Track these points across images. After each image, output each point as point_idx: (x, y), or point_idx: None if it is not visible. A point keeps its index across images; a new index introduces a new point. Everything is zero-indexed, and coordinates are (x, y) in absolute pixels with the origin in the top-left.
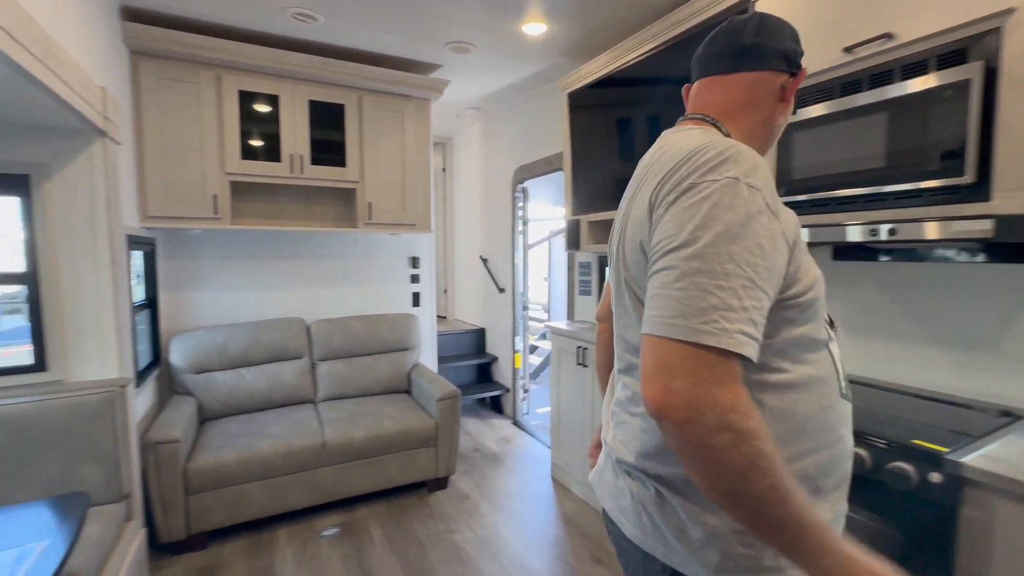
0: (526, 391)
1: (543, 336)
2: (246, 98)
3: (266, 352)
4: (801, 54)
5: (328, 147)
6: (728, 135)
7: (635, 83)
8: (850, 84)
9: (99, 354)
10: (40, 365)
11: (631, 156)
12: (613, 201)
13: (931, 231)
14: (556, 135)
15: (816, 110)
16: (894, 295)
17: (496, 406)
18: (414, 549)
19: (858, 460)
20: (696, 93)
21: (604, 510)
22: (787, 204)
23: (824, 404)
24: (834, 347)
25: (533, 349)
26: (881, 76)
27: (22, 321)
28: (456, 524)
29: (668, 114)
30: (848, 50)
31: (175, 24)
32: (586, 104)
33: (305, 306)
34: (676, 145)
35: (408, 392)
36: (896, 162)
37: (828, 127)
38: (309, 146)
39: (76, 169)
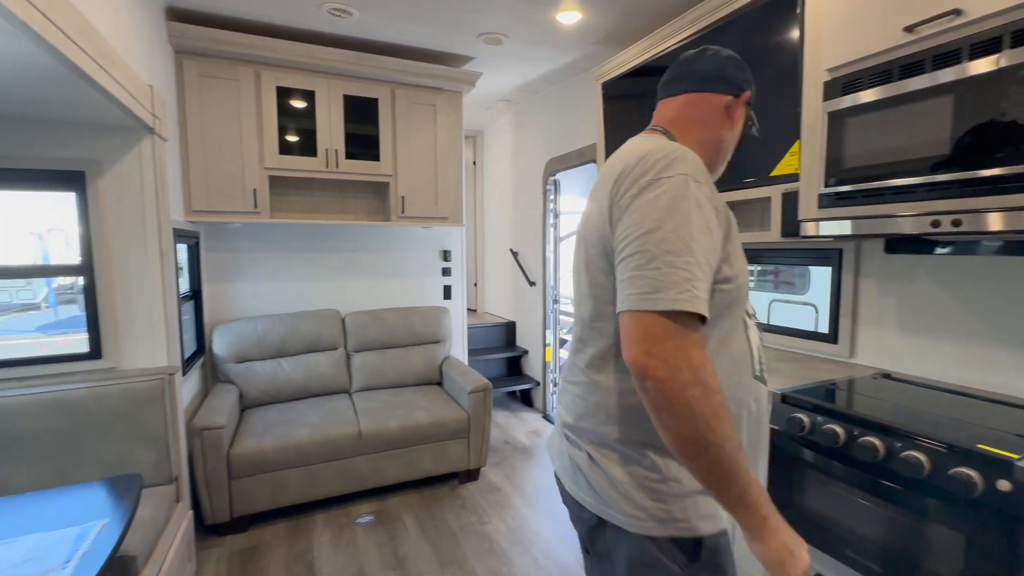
0: (556, 385)
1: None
2: (283, 94)
3: (303, 343)
4: (744, 79)
5: (362, 141)
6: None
7: None
8: (911, 66)
9: (149, 343)
10: (96, 353)
11: None
12: None
13: (1002, 222)
14: (589, 126)
15: (871, 95)
16: (954, 291)
17: (526, 399)
18: (447, 539)
19: (915, 465)
20: (656, 113)
21: (554, 470)
22: (837, 195)
23: (736, 380)
24: (752, 333)
25: (563, 343)
26: (947, 56)
27: (77, 311)
28: (488, 516)
29: None
30: (909, 29)
31: (216, 23)
32: (621, 94)
33: (340, 298)
34: (630, 149)
35: (440, 384)
36: (961, 148)
37: (885, 112)
38: (343, 140)
39: (127, 165)
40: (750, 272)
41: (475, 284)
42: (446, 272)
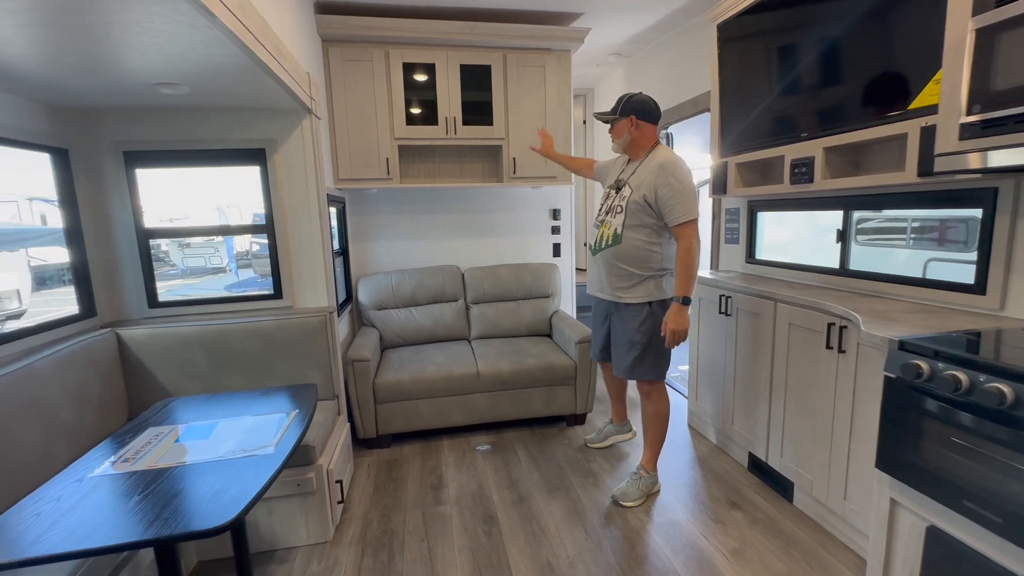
0: None
1: None
2: (408, 69)
3: (429, 294)
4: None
5: (477, 108)
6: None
7: (799, 2)
8: None
9: (312, 288)
10: (278, 294)
11: (796, 88)
12: (768, 139)
13: None
14: (702, 73)
15: None
16: None
17: None
18: (555, 470)
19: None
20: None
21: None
22: (983, 123)
23: None
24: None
25: None
26: None
27: (252, 273)
28: (592, 455)
29: (850, 33)
30: None
31: (352, 10)
32: (739, 35)
33: (460, 255)
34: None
35: (549, 336)
36: None
37: None
38: (461, 108)
39: (293, 141)
40: (905, 223)
41: (585, 244)
42: (555, 231)
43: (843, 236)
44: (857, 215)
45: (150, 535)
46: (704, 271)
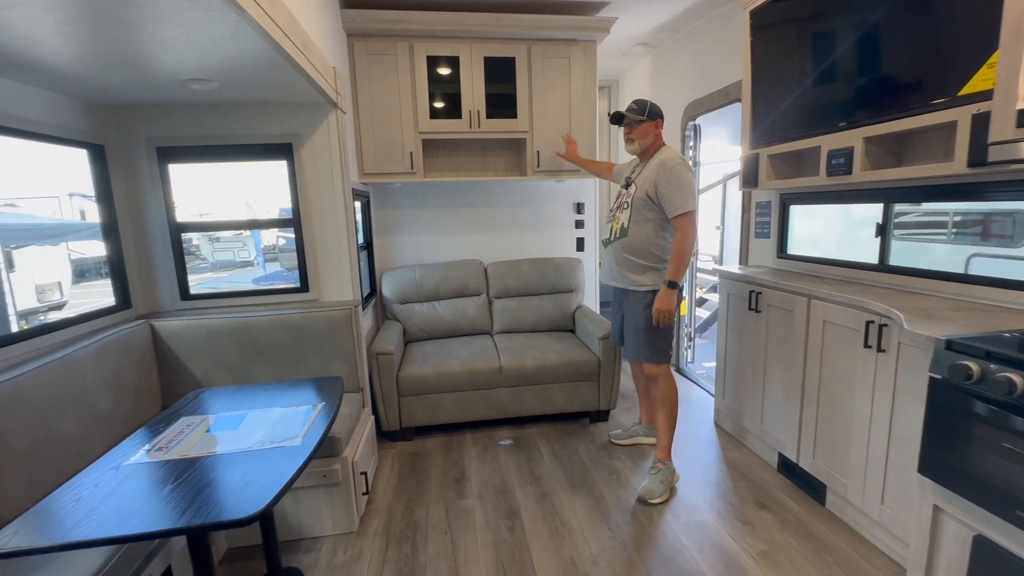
0: (691, 339)
1: (713, 289)
2: (432, 63)
3: (452, 288)
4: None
5: (501, 100)
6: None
7: None
8: None
9: (338, 281)
10: (305, 287)
11: (833, 75)
12: (803, 129)
13: None
14: (734, 62)
15: None
16: None
17: None
18: (577, 466)
19: None
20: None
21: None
22: None
23: None
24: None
25: (701, 302)
26: None
27: (278, 267)
28: (615, 452)
29: (893, 15)
30: None
31: (378, 4)
32: (772, 21)
33: (482, 249)
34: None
35: (572, 331)
36: None
37: None
38: (484, 101)
39: (319, 136)
40: (946, 216)
41: None
42: (579, 225)
43: (883, 230)
44: (896, 208)
45: (183, 523)
46: (733, 266)
